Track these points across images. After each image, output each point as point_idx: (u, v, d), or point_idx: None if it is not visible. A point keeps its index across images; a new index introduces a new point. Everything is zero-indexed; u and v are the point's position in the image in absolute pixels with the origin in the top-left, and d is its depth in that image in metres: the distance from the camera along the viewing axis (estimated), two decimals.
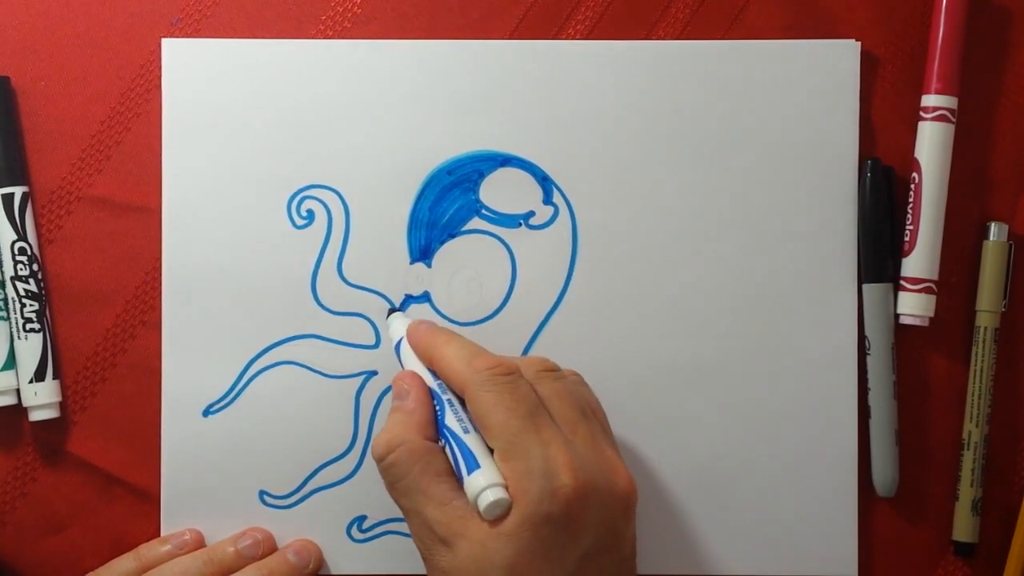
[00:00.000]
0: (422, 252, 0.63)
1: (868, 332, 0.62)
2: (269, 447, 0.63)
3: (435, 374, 0.57)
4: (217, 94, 0.63)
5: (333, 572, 0.63)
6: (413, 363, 0.59)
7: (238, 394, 0.63)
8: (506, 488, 0.52)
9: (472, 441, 0.54)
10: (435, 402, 0.56)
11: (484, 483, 0.52)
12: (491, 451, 0.53)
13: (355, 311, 0.63)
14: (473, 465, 0.52)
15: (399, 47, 0.63)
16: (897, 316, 0.63)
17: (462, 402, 0.55)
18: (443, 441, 0.55)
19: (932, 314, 0.62)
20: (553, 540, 0.51)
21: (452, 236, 0.63)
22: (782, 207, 0.63)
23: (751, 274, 0.63)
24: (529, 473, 0.52)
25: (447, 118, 0.63)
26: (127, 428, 0.63)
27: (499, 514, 0.51)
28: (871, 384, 0.62)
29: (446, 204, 0.63)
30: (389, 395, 0.62)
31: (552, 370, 0.57)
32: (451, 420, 0.55)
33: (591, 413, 0.56)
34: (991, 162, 0.64)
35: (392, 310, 0.62)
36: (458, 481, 0.53)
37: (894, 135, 0.63)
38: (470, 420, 0.54)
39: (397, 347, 0.60)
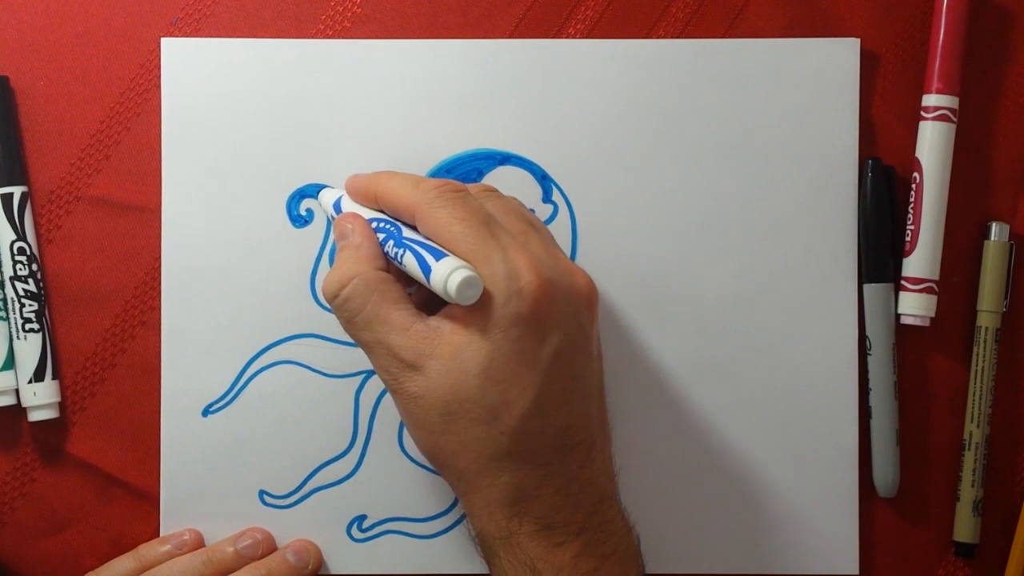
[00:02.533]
0: None
1: (869, 332, 0.62)
2: (268, 447, 0.63)
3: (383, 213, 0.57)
4: (217, 94, 0.63)
5: (333, 572, 0.63)
6: (359, 213, 0.58)
7: (237, 394, 0.63)
8: (473, 271, 0.51)
9: (435, 245, 0.53)
10: (387, 226, 0.55)
11: (452, 265, 0.51)
12: None
13: None
14: (439, 255, 0.52)
15: (399, 47, 0.63)
16: (898, 316, 0.62)
17: (412, 229, 0.55)
18: (401, 251, 0.54)
19: (933, 314, 0.62)
20: (524, 340, 0.52)
21: None
22: (782, 207, 0.63)
23: (751, 274, 0.63)
24: (492, 276, 0.52)
25: (446, 117, 0.63)
26: (126, 428, 0.63)
27: (473, 296, 0.51)
28: (872, 384, 0.62)
29: None
30: (389, 395, 0.62)
31: (493, 190, 0.58)
32: (409, 233, 0.54)
33: (540, 226, 0.58)
34: (992, 162, 0.64)
35: (318, 189, 0.62)
36: (418, 306, 0.53)
37: (895, 134, 0.63)
38: (424, 236, 0.54)
39: (336, 208, 0.60)
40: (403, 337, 0.53)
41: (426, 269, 0.52)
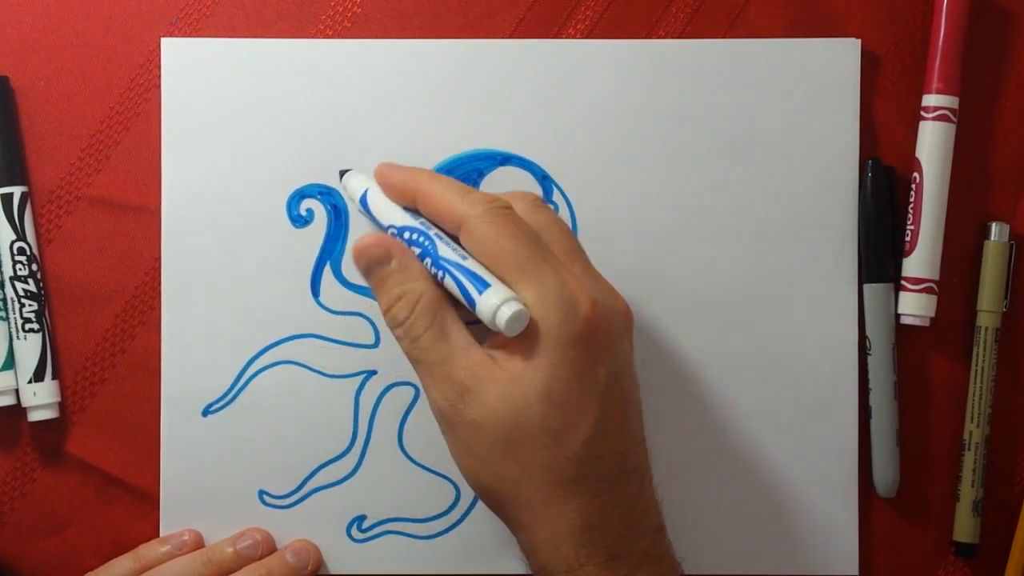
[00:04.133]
0: None
1: (869, 332, 0.62)
2: (268, 447, 0.63)
3: (416, 214, 0.56)
4: (217, 93, 0.63)
5: (332, 572, 0.63)
6: (389, 211, 0.57)
7: (237, 394, 0.63)
8: (522, 303, 0.51)
9: (474, 266, 0.52)
10: (421, 239, 0.55)
11: (498, 299, 0.51)
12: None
13: (355, 311, 0.63)
14: (482, 286, 0.51)
15: (399, 47, 0.63)
16: (898, 316, 0.62)
17: (451, 238, 0.55)
18: (440, 272, 0.53)
19: (933, 314, 0.62)
20: (581, 363, 0.51)
21: None
22: (782, 207, 0.63)
23: (751, 274, 0.63)
24: (547, 297, 0.51)
25: (447, 117, 0.63)
26: (126, 428, 0.63)
27: (519, 329, 0.50)
28: (872, 384, 0.62)
29: None
30: (389, 395, 0.63)
31: (536, 201, 0.57)
32: (446, 251, 0.54)
33: (578, 242, 0.57)
34: (992, 162, 0.64)
35: (343, 171, 0.61)
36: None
37: (895, 134, 0.63)
38: (465, 250, 0.54)
39: (363, 202, 0.59)
40: (464, 357, 0.52)
41: (469, 299, 0.52)
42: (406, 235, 0.56)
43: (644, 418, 0.55)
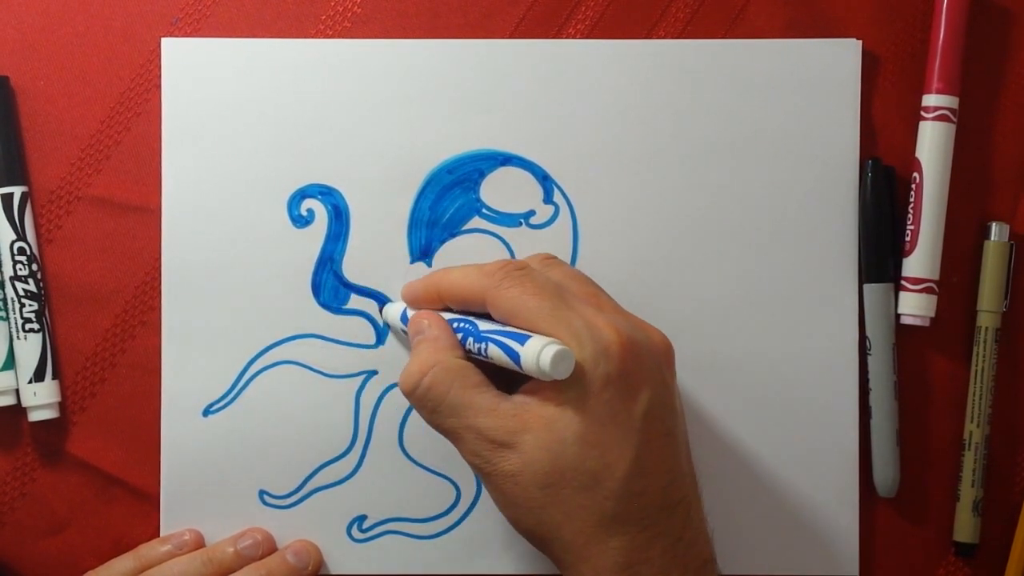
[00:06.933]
0: (422, 251, 0.63)
1: (869, 332, 0.62)
2: (269, 447, 0.63)
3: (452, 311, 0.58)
4: (217, 93, 0.63)
5: (333, 572, 0.63)
6: None
7: (238, 394, 0.63)
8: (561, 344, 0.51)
9: (512, 329, 0.53)
10: (463, 324, 0.56)
11: (539, 345, 0.51)
12: None
13: (355, 310, 0.63)
14: (522, 340, 0.52)
15: (399, 47, 0.63)
16: (898, 316, 0.62)
17: (486, 319, 0.55)
18: (483, 345, 0.54)
19: (933, 314, 0.62)
20: (615, 401, 0.51)
21: (453, 235, 0.63)
22: (782, 207, 0.63)
23: (751, 274, 0.63)
24: (577, 340, 0.52)
25: (447, 117, 0.63)
26: (126, 428, 0.63)
27: (567, 370, 0.51)
28: (872, 384, 0.62)
29: (446, 203, 0.63)
30: (389, 395, 0.63)
31: (549, 256, 0.59)
32: (486, 326, 0.54)
33: (602, 289, 0.58)
34: (992, 162, 0.64)
35: (382, 304, 0.63)
36: (499, 389, 0.53)
37: (895, 135, 0.63)
38: (500, 322, 0.54)
39: (404, 319, 0.60)
40: (491, 418, 0.52)
41: (513, 355, 0.52)
42: (454, 326, 0.57)
43: None
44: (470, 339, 0.55)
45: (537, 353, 0.51)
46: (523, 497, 0.52)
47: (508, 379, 0.54)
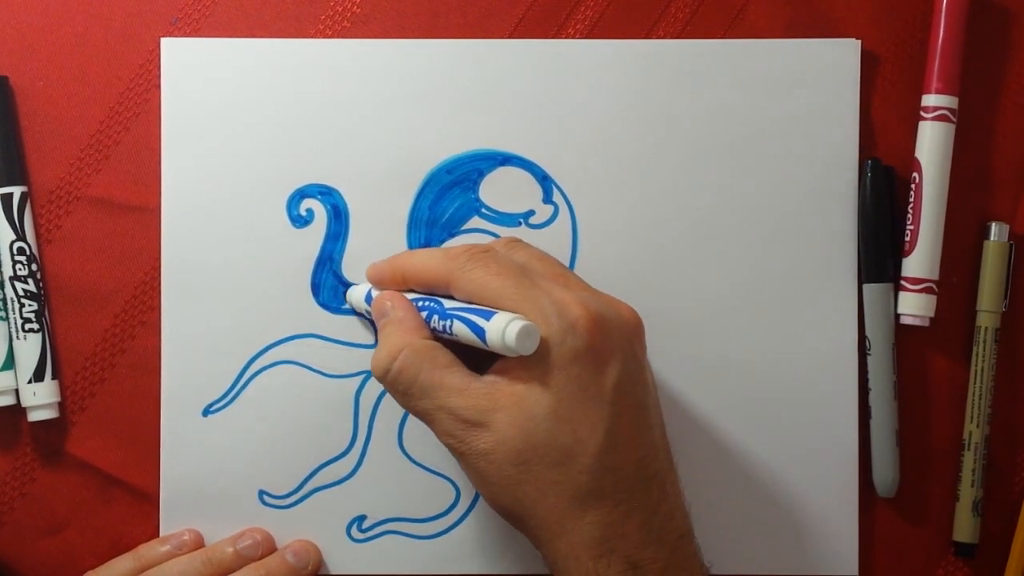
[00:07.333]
0: None
1: (868, 332, 0.62)
2: (269, 447, 0.63)
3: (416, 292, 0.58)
4: (216, 93, 0.63)
5: (332, 572, 0.63)
6: None
7: (237, 394, 0.63)
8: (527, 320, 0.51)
9: (477, 307, 0.53)
10: (427, 303, 0.56)
11: (506, 319, 0.51)
12: None
13: (355, 311, 0.63)
14: (487, 316, 0.52)
15: (399, 47, 0.63)
16: (897, 316, 0.62)
17: (450, 299, 0.56)
18: (448, 322, 0.54)
19: (933, 314, 0.62)
20: (585, 376, 0.52)
21: (452, 235, 0.63)
22: (782, 207, 0.63)
23: (751, 274, 0.63)
24: (543, 319, 0.52)
25: (447, 117, 0.63)
26: (126, 428, 0.63)
27: (532, 345, 0.51)
28: (872, 384, 0.62)
29: (446, 203, 0.63)
30: (388, 395, 0.62)
31: (513, 239, 0.59)
32: (451, 304, 0.55)
33: (565, 267, 0.58)
34: (992, 162, 0.64)
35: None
36: (469, 369, 0.53)
37: (894, 135, 0.63)
38: (465, 302, 0.54)
39: (368, 299, 0.60)
40: (463, 398, 0.53)
41: (478, 331, 0.52)
42: (418, 305, 0.57)
43: None
44: (435, 317, 0.55)
45: (502, 329, 0.51)
46: (497, 475, 0.52)
47: (476, 359, 0.54)
